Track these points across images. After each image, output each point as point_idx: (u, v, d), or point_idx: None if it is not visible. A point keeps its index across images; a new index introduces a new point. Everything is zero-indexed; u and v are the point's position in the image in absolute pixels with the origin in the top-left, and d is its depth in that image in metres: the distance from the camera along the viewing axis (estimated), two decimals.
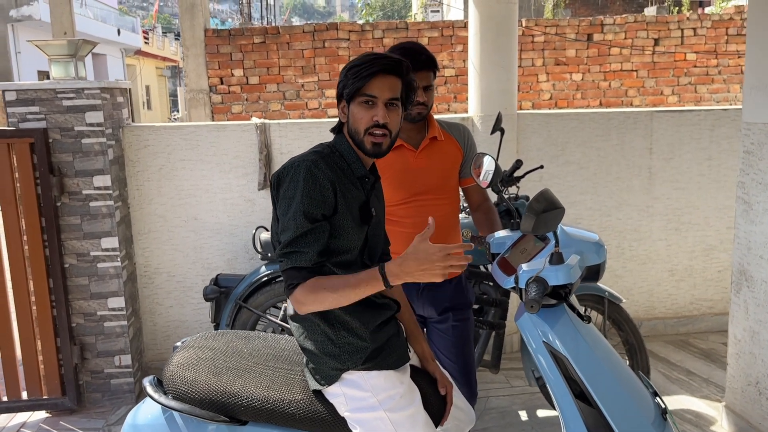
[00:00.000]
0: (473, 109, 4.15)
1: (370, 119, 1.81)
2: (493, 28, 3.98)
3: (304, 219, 1.72)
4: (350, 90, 1.82)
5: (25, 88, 3.47)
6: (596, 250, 1.87)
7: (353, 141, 1.86)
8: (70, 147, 3.54)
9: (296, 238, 1.72)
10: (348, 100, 1.85)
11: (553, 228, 1.69)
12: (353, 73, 1.81)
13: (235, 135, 3.96)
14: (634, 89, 8.09)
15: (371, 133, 1.82)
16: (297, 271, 1.72)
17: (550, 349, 1.81)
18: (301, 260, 1.72)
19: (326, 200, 1.75)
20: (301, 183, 1.73)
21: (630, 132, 4.27)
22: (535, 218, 1.62)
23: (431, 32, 7.72)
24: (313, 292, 1.71)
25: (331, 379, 1.82)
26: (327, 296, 1.71)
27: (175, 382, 1.88)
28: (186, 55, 7.39)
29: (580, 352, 1.75)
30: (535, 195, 1.65)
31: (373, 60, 1.82)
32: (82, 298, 3.68)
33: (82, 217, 3.61)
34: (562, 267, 1.71)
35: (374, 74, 1.79)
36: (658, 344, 4.33)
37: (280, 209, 1.77)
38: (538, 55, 7.88)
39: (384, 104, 1.82)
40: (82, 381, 3.75)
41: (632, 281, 4.43)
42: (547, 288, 1.68)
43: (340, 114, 1.91)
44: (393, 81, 1.83)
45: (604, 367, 1.78)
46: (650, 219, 4.36)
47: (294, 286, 1.72)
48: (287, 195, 1.75)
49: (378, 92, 1.81)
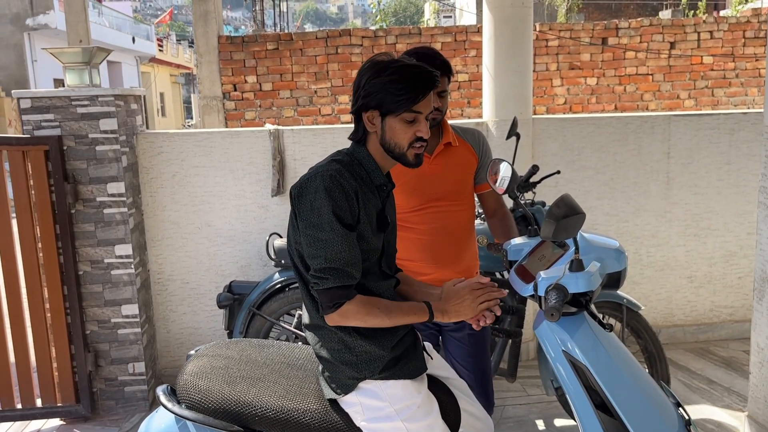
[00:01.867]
0: (488, 114, 4.12)
1: (413, 135, 1.79)
2: (507, 32, 3.95)
3: (341, 227, 1.70)
4: (394, 107, 1.75)
5: (39, 96, 3.48)
6: (616, 257, 1.83)
7: (391, 154, 1.82)
8: (85, 154, 3.54)
9: (340, 253, 1.69)
10: (384, 113, 1.78)
11: (573, 234, 1.65)
12: (398, 89, 1.73)
13: (249, 141, 3.95)
14: (650, 93, 8.02)
15: (414, 146, 1.81)
16: (344, 289, 1.71)
17: (569, 358, 1.77)
18: (347, 279, 1.71)
19: (352, 209, 1.73)
20: (326, 192, 1.70)
21: (647, 136, 4.21)
22: (556, 224, 1.58)
23: (444, 37, 7.70)
24: (365, 310, 1.73)
25: (348, 388, 1.79)
26: (377, 315, 1.75)
27: (188, 391, 1.85)
28: (200, 62, 7.42)
29: (601, 361, 1.70)
30: (555, 200, 1.61)
31: (419, 77, 1.75)
32: (96, 306, 3.68)
33: (96, 224, 3.61)
34: (582, 274, 1.67)
35: (426, 94, 1.76)
36: (677, 352, 4.26)
37: (306, 221, 1.72)
38: (552, 60, 7.83)
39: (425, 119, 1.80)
40: (96, 388, 3.74)
41: (650, 288, 4.36)
42: (567, 296, 1.64)
43: (368, 124, 1.82)
44: (432, 95, 1.82)
45: (625, 376, 1.73)
46: (668, 224, 4.30)
47: (340, 304, 1.71)
48: (315, 205, 1.71)
49: (424, 109, 1.79)
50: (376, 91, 1.76)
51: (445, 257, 2.42)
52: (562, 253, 1.82)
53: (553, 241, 1.71)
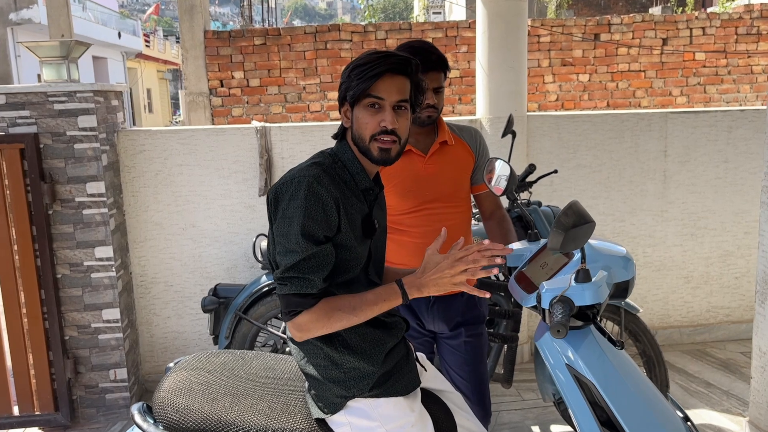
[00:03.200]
0: (481, 110, 4.00)
1: (377, 125, 1.65)
2: (501, 26, 3.83)
3: (308, 241, 1.56)
4: (354, 92, 1.65)
5: (14, 92, 3.33)
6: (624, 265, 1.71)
7: (358, 148, 1.70)
8: (62, 152, 3.39)
9: (300, 263, 1.56)
10: (352, 103, 1.68)
11: (581, 244, 1.53)
12: (357, 73, 1.64)
13: (235, 139, 3.81)
14: (642, 90, 7.94)
15: (378, 139, 1.66)
16: (302, 297, 1.57)
17: (573, 372, 1.65)
18: (306, 287, 1.57)
19: (329, 220, 1.59)
20: (302, 201, 1.56)
21: (644, 134, 4.12)
22: (564, 234, 1.46)
23: (435, 33, 7.58)
24: (326, 316, 1.58)
25: (336, 407, 1.67)
26: (341, 317, 1.59)
27: (165, 410, 1.73)
28: (185, 57, 7.25)
29: (608, 378, 1.59)
30: (564, 208, 1.49)
31: (379, 58, 1.65)
32: (75, 310, 3.53)
33: (75, 225, 3.46)
34: (589, 285, 1.55)
35: (381, 74, 1.63)
36: (674, 354, 4.17)
37: (278, 229, 1.60)
38: (544, 56, 7.73)
39: (392, 107, 1.66)
40: (76, 396, 3.60)
41: (646, 289, 4.27)
42: (574, 309, 1.53)
43: (343, 119, 1.73)
44: (401, 81, 1.67)
45: (634, 393, 1.62)
46: (665, 224, 4.21)
47: (297, 313, 1.57)
48: (287, 214, 1.58)
49: (385, 94, 1.64)
50: (344, 81, 1.69)
51: None
52: (567, 261, 1.70)
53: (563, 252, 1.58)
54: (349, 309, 1.58)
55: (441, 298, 2.33)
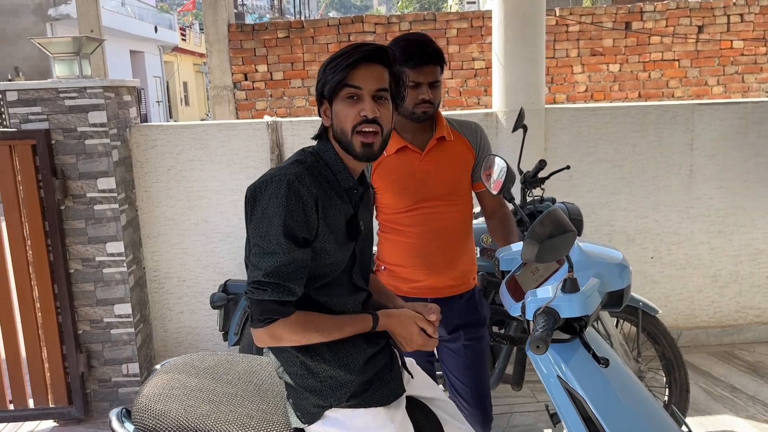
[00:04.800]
0: (497, 104, 3.89)
1: (357, 115, 1.58)
2: (518, 16, 3.71)
3: (289, 242, 1.50)
4: (331, 85, 1.58)
5: (26, 88, 3.35)
6: (619, 273, 1.60)
7: (340, 144, 1.63)
8: (73, 148, 3.41)
9: (280, 267, 1.50)
10: (330, 100, 1.62)
11: (561, 255, 1.42)
12: (332, 66, 1.58)
13: (246, 134, 3.78)
14: (676, 80, 7.67)
15: (360, 131, 1.59)
16: (280, 305, 1.52)
17: (565, 386, 1.56)
18: (286, 294, 1.52)
19: (309, 222, 1.53)
20: (283, 200, 1.50)
21: (669, 127, 3.95)
22: (539, 245, 1.36)
23: (460, 23, 7.44)
24: (301, 331, 1.55)
25: (313, 417, 1.61)
26: (313, 336, 1.58)
27: (143, 415, 1.69)
28: (210, 51, 7.27)
29: (600, 392, 1.50)
30: (539, 217, 1.39)
31: (353, 48, 1.59)
32: (87, 305, 3.56)
33: (86, 220, 3.48)
34: (576, 296, 1.44)
35: (356, 63, 1.56)
36: (699, 356, 4.01)
37: (256, 229, 1.54)
38: (573, 46, 7.52)
39: (371, 97, 1.58)
40: (89, 390, 3.63)
41: (671, 287, 4.11)
42: (559, 321, 1.43)
43: (323, 117, 1.67)
44: (378, 70, 1.60)
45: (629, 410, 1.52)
46: (691, 221, 4.04)
47: (272, 320, 1.52)
48: (267, 213, 1.52)
49: (362, 83, 1.57)
50: (320, 78, 1.63)
51: (439, 262, 2.22)
52: (558, 268, 1.61)
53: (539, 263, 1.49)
54: (321, 329, 1.57)
55: (438, 300, 2.25)
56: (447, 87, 7.53)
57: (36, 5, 17.98)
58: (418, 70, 2.07)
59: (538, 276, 1.64)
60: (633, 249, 4.02)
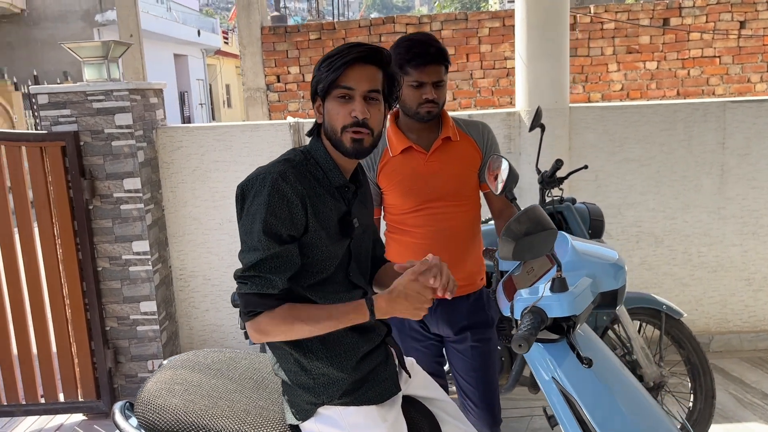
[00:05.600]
0: (521, 103, 3.85)
1: (348, 115, 1.58)
2: (541, 14, 3.67)
3: (270, 240, 1.51)
4: (324, 84, 1.59)
5: (56, 91, 3.46)
6: (614, 273, 1.56)
7: (331, 141, 1.64)
8: (101, 150, 3.50)
9: (261, 262, 1.51)
10: (323, 97, 1.63)
11: (542, 254, 1.40)
12: (327, 64, 1.58)
13: (269, 135, 3.83)
14: (717, 77, 7.44)
15: (349, 131, 1.59)
16: (261, 298, 1.52)
17: (560, 388, 1.54)
18: (267, 287, 1.52)
19: (294, 219, 1.54)
20: (266, 198, 1.52)
21: (699, 125, 3.84)
22: (514, 243, 1.34)
23: (492, 22, 7.37)
24: (285, 323, 1.53)
25: (306, 414, 1.62)
26: (301, 328, 1.54)
27: (144, 409, 1.73)
28: (243, 53, 7.38)
29: (592, 394, 1.47)
30: (517, 214, 1.37)
31: (347, 48, 1.59)
32: (115, 302, 3.65)
33: (113, 220, 3.57)
34: (564, 296, 1.42)
35: (349, 63, 1.57)
36: (731, 361, 3.89)
37: (242, 226, 1.57)
38: (608, 44, 7.37)
39: (362, 98, 1.59)
40: (117, 385, 3.73)
41: (701, 290, 3.99)
42: (546, 321, 1.41)
43: (316, 114, 1.68)
44: (371, 71, 1.60)
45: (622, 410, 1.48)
46: (722, 222, 3.92)
47: (256, 314, 1.53)
48: (251, 211, 1.54)
49: (354, 83, 1.57)
50: (315, 75, 1.63)
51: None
52: (551, 267, 1.58)
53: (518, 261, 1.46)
54: (309, 320, 1.52)
55: (444, 300, 2.23)
56: (479, 86, 7.47)
57: (84, 11, 18.53)
58: (421, 69, 2.07)
59: (533, 275, 1.62)
60: (661, 250, 3.92)
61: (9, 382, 3.61)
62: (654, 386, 2.91)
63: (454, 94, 7.51)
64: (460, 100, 7.52)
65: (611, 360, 1.56)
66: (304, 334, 1.55)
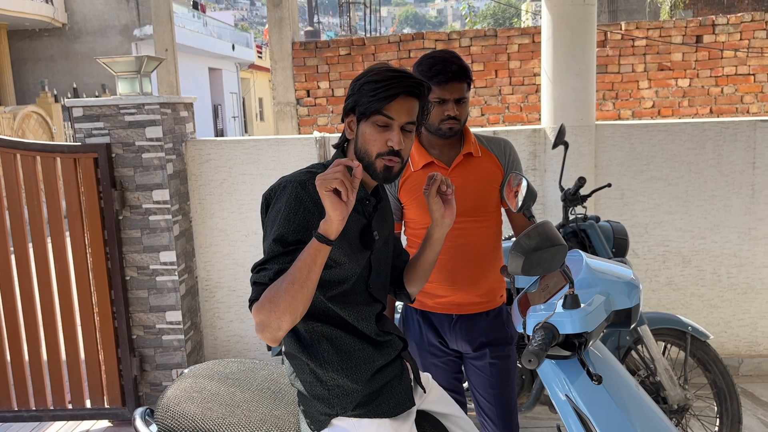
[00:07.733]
0: (546, 120, 3.84)
1: (384, 144, 1.62)
2: (567, 32, 3.67)
3: (277, 245, 1.54)
4: (365, 108, 1.61)
5: (90, 104, 3.56)
6: (628, 292, 1.55)
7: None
8: (131, 161, 3.59)
9: (267, 261, 1.55)
10: (359, 117, 1.65)
11: (552, 269, 1.40)
12: (370, 89, 1.60)
13: (296, 149, 3.88)
14: (751, 95, 7.33)
15: (383, 158, 1.63)
16: (258, 286, 1.53)
17: (573, 405, 1.53)
18: (262, 276, 1.53)
19: (310, 227, 1.56)
20: (284, 205, 1.56)
21: (729, 144, 3.79)
22: (523, 258, 1.35)
23: (522, 39, 7.38)
24: (267, 300, 1.46)
25: (321, 425, 1.64)
26: (284, 291, 1.44)
27: (164, 416, 1.77)
28: (274, 68, 7.50)
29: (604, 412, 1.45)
30: (526, 230, 1.37)
31: (395, 78, 1.61)
32: (141, 311, 3.72)
33: (142, 230, 3.65)
34: (576, 312, 1.41)
35: (396, 96, 1.60)
36: (761, 386, 3.80)
37: (264, 232, 1.62)
38: (639, 60, 7.31)
39: (399, 128, 1.62)
40: (142, 393, 3.79)
41: (731, 313, 3.92)
42: (558, 337, 1.41)
43: (347, 130, 1.71)
44: (412, 104, 1.63)
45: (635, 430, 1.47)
46: (753, 243, 3.85)
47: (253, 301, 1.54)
48: (270, 218, 1.59)
49: (396, 115, 1.61)
50: (353, 93, 1.65)
51: (463, 279, 2.22)
52: (565, 284, 1.58)
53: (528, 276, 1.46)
54: (284, 280, 1.46)
55: (464, 316, 2.24)
56: (507, 102, 7.47)
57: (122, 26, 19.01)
58: (443, 86, 2.09)
59: (547, 292, 1.62)
60: (689, 271, 3.86)
61: (38, 387, 3.70)
62: (678, 409, 2.87)
63: (483, 110, 7.52)
64: (489, 116, 7.52)
65: (625, 379, 1.55)
66: (290, 299, 1.45)
